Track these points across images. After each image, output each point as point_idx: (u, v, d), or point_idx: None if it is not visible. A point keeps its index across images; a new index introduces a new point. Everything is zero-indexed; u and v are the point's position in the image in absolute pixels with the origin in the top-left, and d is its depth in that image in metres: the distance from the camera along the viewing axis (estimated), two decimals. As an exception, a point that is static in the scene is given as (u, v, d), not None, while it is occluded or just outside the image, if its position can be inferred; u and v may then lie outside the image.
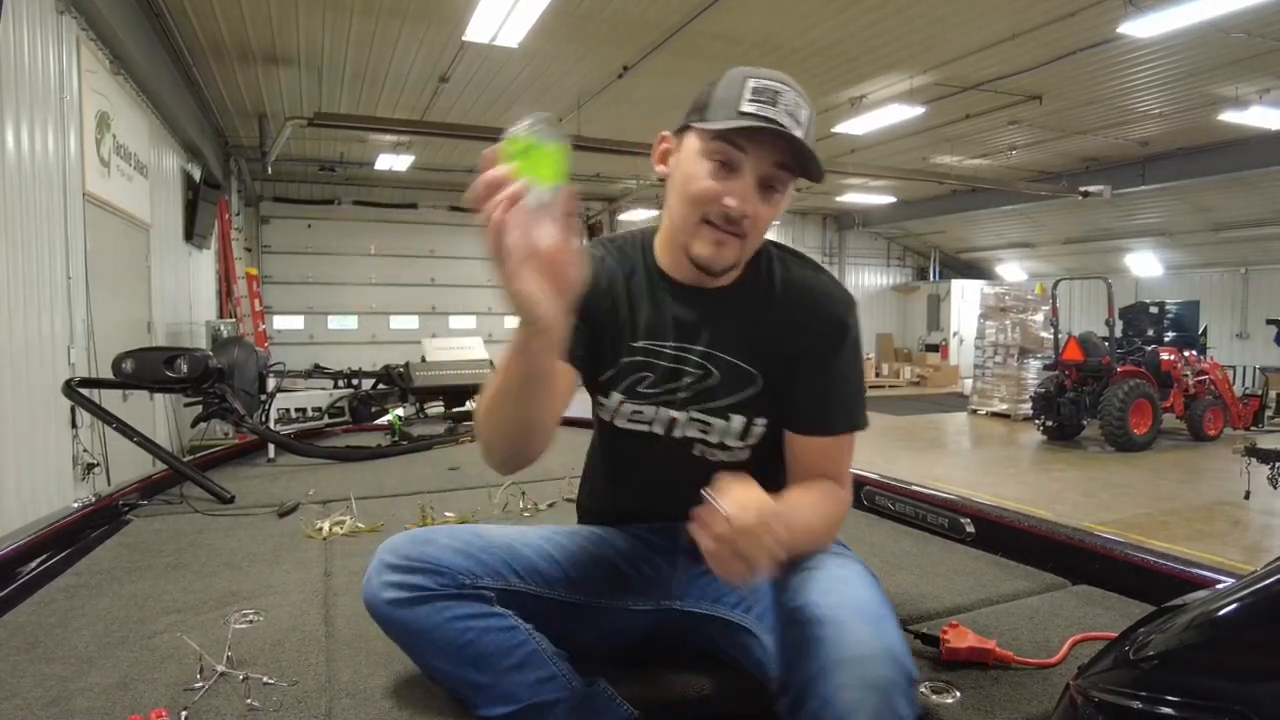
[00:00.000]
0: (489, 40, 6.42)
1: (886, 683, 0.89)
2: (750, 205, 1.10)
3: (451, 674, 1.09)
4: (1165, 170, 11.12)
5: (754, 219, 1.11)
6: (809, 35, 6.93)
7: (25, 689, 1.18)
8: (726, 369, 1.20)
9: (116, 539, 2.00)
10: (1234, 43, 6.77)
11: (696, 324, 1.21)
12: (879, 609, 0.99)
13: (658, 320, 1.22)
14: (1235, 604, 0.73)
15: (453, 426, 3.71)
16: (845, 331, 1.20)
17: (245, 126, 10.04)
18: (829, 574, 1.05)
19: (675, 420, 1.23)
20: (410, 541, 1.13)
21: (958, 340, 17.49)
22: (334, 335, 14.39)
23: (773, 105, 1.08)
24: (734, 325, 1.21)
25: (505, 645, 1.09)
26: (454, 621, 1.07)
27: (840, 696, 0.89)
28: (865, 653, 0.91)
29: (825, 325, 1.20)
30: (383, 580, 1.09)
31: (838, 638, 0.93)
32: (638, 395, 1.24)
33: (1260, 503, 6.05)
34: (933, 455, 9.05)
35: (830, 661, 0.91)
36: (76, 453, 4.31)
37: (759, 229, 1.14)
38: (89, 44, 4.91)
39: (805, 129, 1.10)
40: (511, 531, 1.22)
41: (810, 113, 1.12)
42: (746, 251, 1.16)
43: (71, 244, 4.43)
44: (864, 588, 1.04)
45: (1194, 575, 1.46)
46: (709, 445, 1.24)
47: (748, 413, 1.21)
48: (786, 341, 1.19)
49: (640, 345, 1.22)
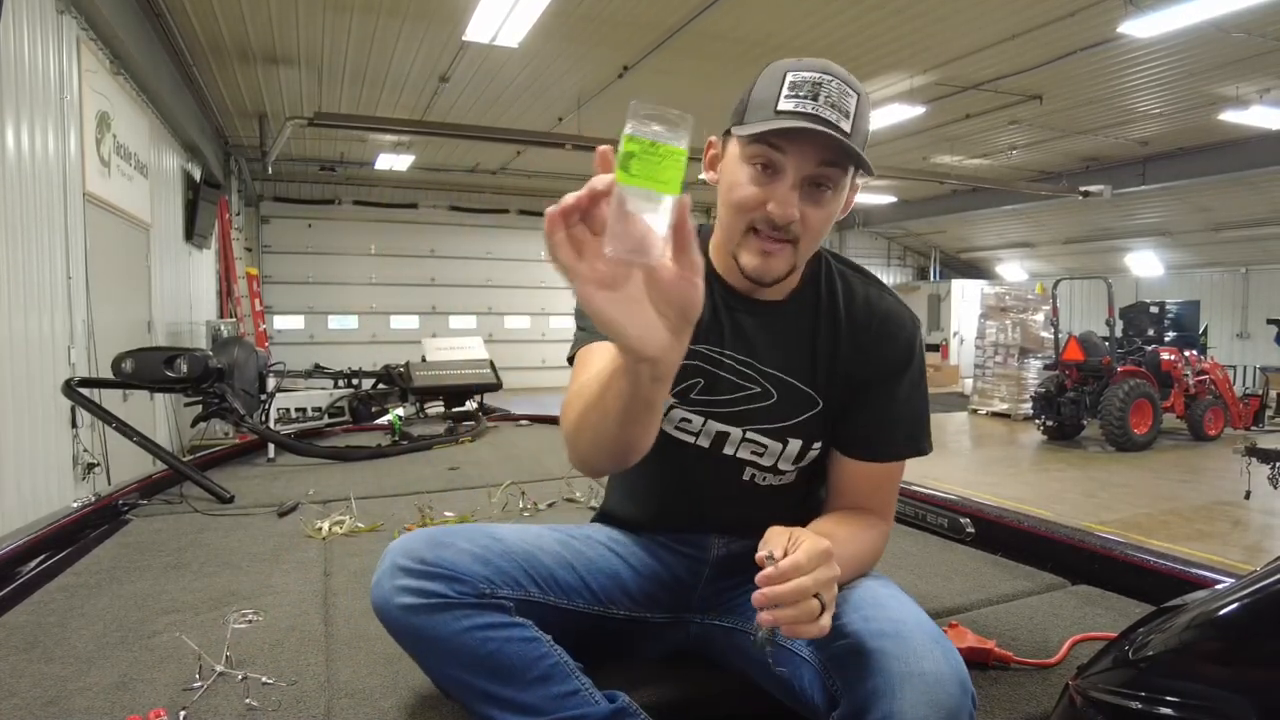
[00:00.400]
0: (489, 40, 6.42)
1: (957, 707, 0.85)
2: (794, 209, 1.02)
3: (469, 686, 1.03)
4: (1165, 170, 11.12)
5: (802, 223, 1.04)
6: (809, 35, 6.92)
7: (24, 688, 1.17)
8: (786, 390, 1.14)
9: (116, 539, 2.00)
10: (1234, 42, 6.77)
11: (755, 337, 1.15)
12: (938, 629, 0.94)
13: (714, 326, 1.14)
14: (1235, 604, 0.73)
15: (453, 426, 3.71)
16: (912, 357, 1.15)
17: (245, 126, 10.04)
18: (872, 591, 1.02)
19: (727, 436, 1.16)
20: (425, 544, 1.05)
21: (958, 340, 17.49)
22: (334, 335, 14.39)
23: (813, 99, 1.00)
24: (795, 343, 1.15)
25: (528, 657, 1.03)
26: (474, 631, 1.01)
27: (907, 714, 0.84)
28: (935, 670, 0.87)
29: (893, 351, 1.14)
30: (396, 584, 1.02)
31: (903, 652, 0.88)
32: (689, 402, 1.16)
33: (1260, 503, 6.05)
34: (933, 455, 8.95)
35: (896, 676, 0.87)
36: (76, 452, 4.32)
37: (811, 233, 1.05)
38: (89, 44, 4.91)
39: (853, 118, 1.02)
40: (529, 535, 1.17)
41: (859, 99, 1.03)
42: (801, 258, 1.09)
43: (72, 244, 4.43)
44: (914, 606, 0.99)
45: (1194, 575, 1.46)
46: (761, 469, 1.17)
47: (806, 437, 1.15)
48: (853, 366, 1.14)
49: (698, 349, 1.13)
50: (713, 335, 1.14)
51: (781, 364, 1.15)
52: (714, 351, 1.15)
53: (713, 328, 1.14)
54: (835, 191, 1.05)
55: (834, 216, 1.07)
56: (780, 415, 1.15)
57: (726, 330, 1.15)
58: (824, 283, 1.17)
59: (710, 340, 1.14)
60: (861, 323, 1.15)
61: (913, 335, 1.16)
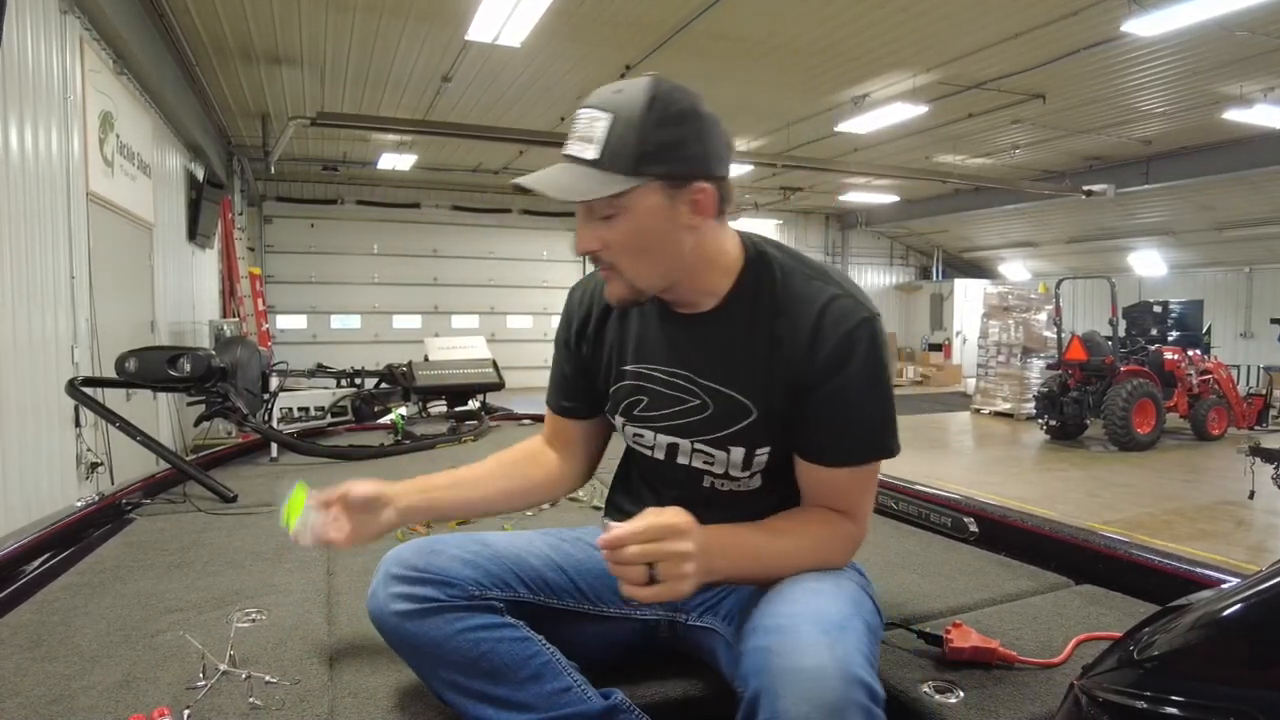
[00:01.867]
0: (491, 40, 6.42)
1: (840, 702, 0.83)
2: (584, 242, 1.08)
3: (465, 688, 1.05)
4: (1169, 169, 11.09)
5: (605, 249, 1.07)
6: (811, 34, 6.92)
7: (28, 687, 1.18)
8: (722, 400, 1.14)
9: (119, 538, 2.00)
10: (1238, 41, 6.75)
11: (689, 350, 1.16)
12: (842, 619, 0.92)
13: (649, 343, 1.19)
14: (1240, 604, 0.73)
15: (455, 426, 3.71)
16: (851, 350, 1.06)
17: (248, 126, 10.06)
18: (802, 585, 1.01)
19: (677, 447, 1.19)
20: (415, 552, 1.10)
21: (960, 339, 17.48)
22: (337, 334, 14.42)
23: (570, 138, 1.05)
24: (728, 352, 1.13)
25: (520, 656, 1.06)
26: (466, 633, 1.04)
27: (790, 714, 0.83)
28: (815, 665, 0.84)
29: (835, 349, 1.07)
30: (390, 592, 1.06)
31: (785, 647, 0.87)
32: (636, 419, 1.22)
33: (1264, 502, 6.04)
34: (936, 454, 9.04)
35: (778, 674, 0.85)
36: (80, 452, 4.32)
37: (624, 254, 1.07)
38: (92, 44, 4.92)
39: (604, 140, 1.01)
40: (518, 540, 1.20)
41: (614, 118, 1.01)
42: (638, 278, 1.09)
43: (75, 244, 4.44)
44: (834, 599, 0.97)
45: (1198, 575, 1.46)
46: (715, 476, 1.18)
47: (747, 444, 1.14)
48: (792, 367, 1.09)
49: (630, 369, 1.21)
50: (651, 353, 1.19)
51: (716, 374, 1.14)
52: (652, 369, 1.19)
53: (653, 346, 1.19)
54: (622, 214, 1.04)
55: (639, 233, 1.05)
56: (717, 425, 1.15)
57: (663, 347, 1.18)
58: (762, 285, 1.13)
59: (648, 358, 1.19)
60: (799, 321, 1.09)
61: (856, 329, 1.07)
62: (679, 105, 1.03)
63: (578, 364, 1.29)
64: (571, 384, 1.30)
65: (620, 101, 1.02)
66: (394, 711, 1.12)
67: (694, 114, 1.04)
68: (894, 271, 19.73)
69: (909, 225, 17.63)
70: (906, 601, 1.50)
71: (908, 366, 17.38)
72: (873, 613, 1.06)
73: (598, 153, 1.01)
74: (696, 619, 1.21)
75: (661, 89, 1.03)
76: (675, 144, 1.03)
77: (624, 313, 1.22)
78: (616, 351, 1.23)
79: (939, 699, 1.13)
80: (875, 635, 1.02)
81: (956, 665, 1.22)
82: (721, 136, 1.08)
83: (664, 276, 1.10)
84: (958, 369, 16.97)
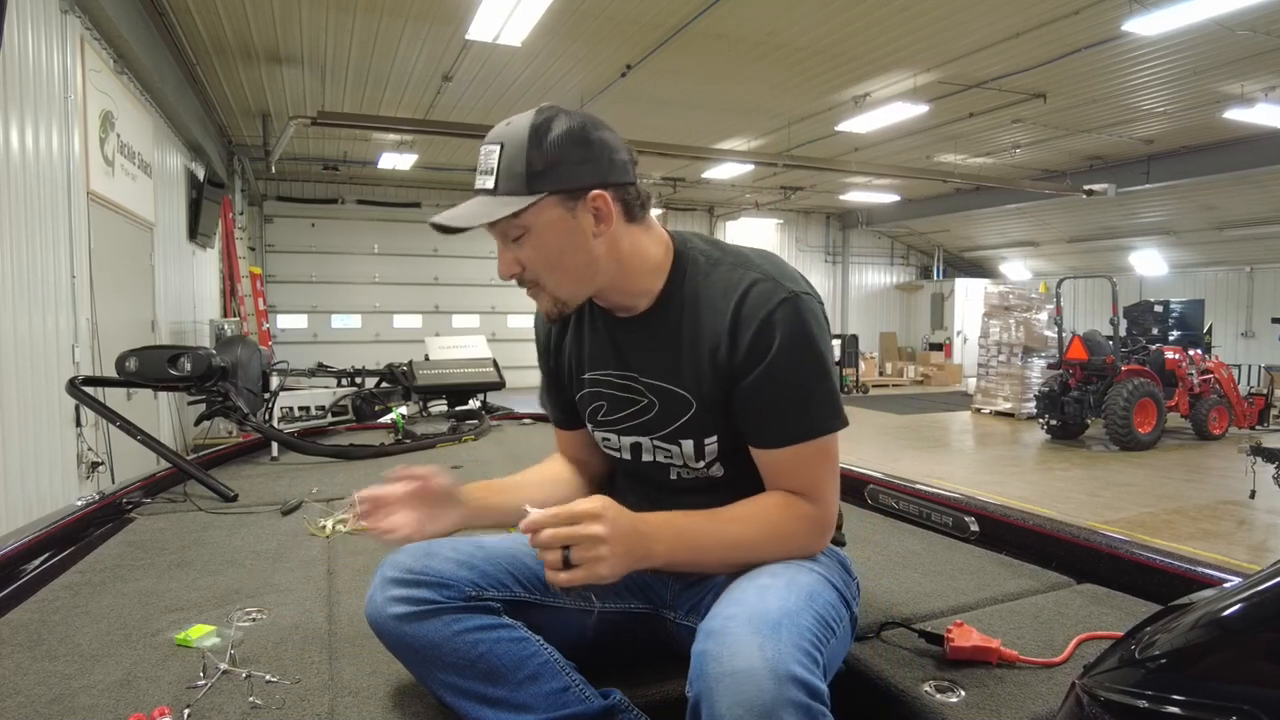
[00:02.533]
0: (492, 39, 6.42)
1: (772, 703, 0.82)
2: (506, 267, 1.13)
3: (464, 689, 1.06)
4: (1170, 168, 11.09)
5: (525, 270, 1.12)
6: (812, 34, 6.92)
7: (29, 686, 1.18)
8: (664, 396, 1.18)
9: (120, 537, 2.00)
10: (1239, 40, 6.74)
11: (631, 353, 1.21)
12: (782, 615, 0.91)
13: (600, 351, 1.24)
14: (1241, 603, 0.73)
15: (456, 425, 3.71)
16: (772, 331, 1.08)
17: (248, 125, 10.06)
18: (753, 582, 1.01)
19: (640, 445, 1.23)
20: (412, 555, 1.11)
21: (961, 339, 17.48)
22: (337, 334, 14.42)
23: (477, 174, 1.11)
24: (663, 349, 1.17)
25: (518, 656, 1.07)
26: (464, 634, 1.06)
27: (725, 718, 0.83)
28: (747, 667, 0.84)
29: (756, 332, 1.08)
30: (387, 595, 1.07)
31: (720, 651, 0.87)
32: (600, 424, 1.27)
33: (1265, 502, 6.04)
34: (936, 454, 9.04)
35: (713, 678, 0.85)
36: (81, 451, 4.32)
37: (539, 270, 1.12)
38: (93, 43, 4.92)
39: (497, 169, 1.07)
40: (512, 540, 1.21)
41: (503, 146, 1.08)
42: (559, 289, 1.14)
43: (76, 243, 4.44)
44: (780, 594, 0.96)
45: (1199, 574, 1.46)
46: (678, 467, 1.22)
47: (694, 435, 1.17)
48: (717, 355, 1.12)
49: (587, 377, 1.26)
50: (603, 361, 1.24)
51: (655, 372, 1.18)
52: (604, 375, 1.24)
53: (602, 353, 1.24)
54: (529, 233, 1.09)
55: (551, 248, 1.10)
56: (665, 422, 1.19)
57: (612, 353, 1.23)
58: (686, 283, 1.16)
59: (600, 365, 1.25)
60: (721, 309, 1.12)
61: (775, 311, 1.08)
62: (562, 126, 1.08)
63: (555, 379, 1.34)
64: (559, 397, 1.35)
65: (508, 132, 1.08)
66: (394, 711, 1.12)
67: (578, 131, 1.08)
68: (895, 271, 19.72)
69: (910, 225, 17.63)
70: (907, 601, 1.50)
71: (908, 366, 17.38)
72: (833, 604, 1.05)
73: (494, 182, 1.07)
74: (683, 617, 1.22)
75: (544, 115, 1.08)
76: (561, 160, 1.07)
77: (577, 325, 1.27)
78: (575, 362, 1.29)
79: (940, 698, 1.13)
80: (831, 627, 1.01)
81: (958, 664, 1.22)
82: (614, 148, 1.11)
83: (583, 284, 1.14)
84: (958, 368, 16.97)
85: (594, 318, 1.25)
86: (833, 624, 1.02)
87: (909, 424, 11.12)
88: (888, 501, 2.19)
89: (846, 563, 1.21)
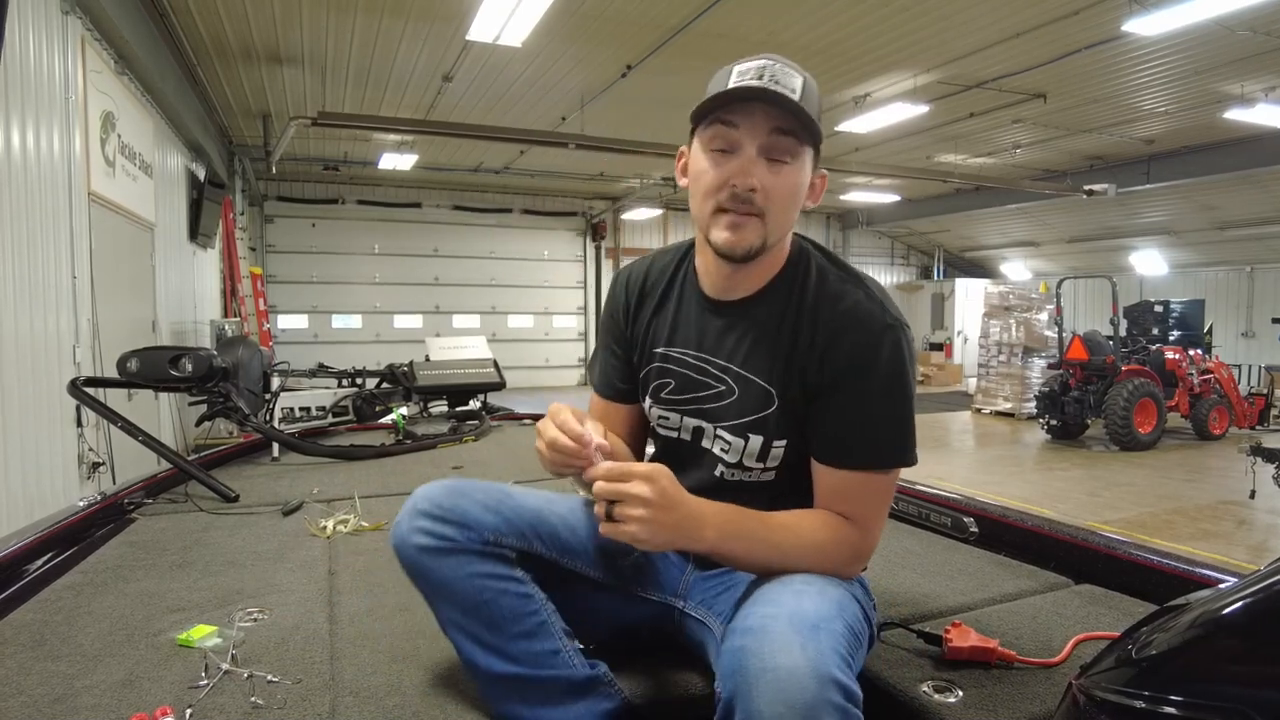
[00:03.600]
0: (492, 40, 6.42)
1: (813, 702, 0.82)
2: (753, 178, 1.07)
3: (463, 627, 1.10)
4: (1170, 168, 11.08)
5: (764, 192, 1.07)
6: (812, 34, 6.92)
7: (31, 686, 1.18)
8: (745, 386, 1.17)
9: (121, 537, 2.01)
10: (1239, 40, 6.75)
11: (721, 336, 1.19)
12: (819, 619, 0.91)
13: (683, 329, 1.23)
14: (1238, 603, 0.73)
15: (456, 425, 3.72)
16: (875, 359, 1.08)
17: (249, 126, 10.07)
18: (786, 586, 1.00)
19: (703, 431, 1.22)
20: (445, 493, 1.13)
21: (962, 339, 17.47)
22: (338, 334, 14.42)
23: (758, 79, 1.06)
24: (759, 340, 1.16)
25: (519, 611, 1.10)
26: (474, 579, 1.09)
27: (764, 714, 0.83)
28: (789, 665, 0.84)
29: (856, 352, 1.09)
30: (414, 525, 1.10)
31: (761, 648, 0.87)
32: (664, 401, 1.25)
33: (1265, 502, 6.04)
34: (937, 454, 9.03)
35: (752, 674, 0.85)
36: (82, 451, 4.33)
37: (776, 202, 1.08)
38: (93, 44, 4.92)
39: (800, 92, 1.06)
40: (540, 497, 1.22)
41: (805, 80, 1.08)
42: (772, 231, 1.10)
43: (77, 244, 4.44)
44: (815, 600, 0.96)
45: (1197, 575, 1.46)
46: (728, 465, 1.20)
47: (766, 434, 1.16)
48: (809, 363, 1.12)
49: (660, 352, 1.25)
50: (683, 339, 1.23)
51: (743, 361, 1.18)
52: (682, 353, 1.23)
53: (685, 332, 1.23)
54: (794, 162, 1.09)
55: (798, 188, 1.11)
56: (740, 411, 1.18)
57: (696, 333, 1.22)
58: (799, 278, 1.17)
59: (680, 343, 1.24)
60: (825, 319, 1.12)
61: (879, 338, 1.09)
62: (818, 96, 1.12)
63: (628, 346, 1.32)
64: (625, 366, 1.33)
65: (798, 67, 1.09)
66: (395, 711, 1.13)
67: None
68: (895, 271, 19.72)
69: (910, 225, 17.62)
70: (906, 601, 1.50)
71: (909, 366, 17.35)
72: (859, 618, 1.06)
73: (800, 98, 1.06)
74: (692, 609, 1.22)
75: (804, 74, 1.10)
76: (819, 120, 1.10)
77: (664, 297, 1.27)
78: (651, 335, 1.27)
79: (938, 698, 1.13)
80: (859, 638, 1.02)
81: (956, 665, 1.23)
82: None
83: (785, 235, 1.15)
84: (959, 368, 16.97)
85: (686, 294, 1.24)
86: (859, 635, 1.04)
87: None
88: (887, 502, 2.19)
89: (866, 583, 1.22)
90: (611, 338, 1.34)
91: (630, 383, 1.33)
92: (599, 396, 1.37)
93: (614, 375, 1.34)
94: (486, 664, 1.09)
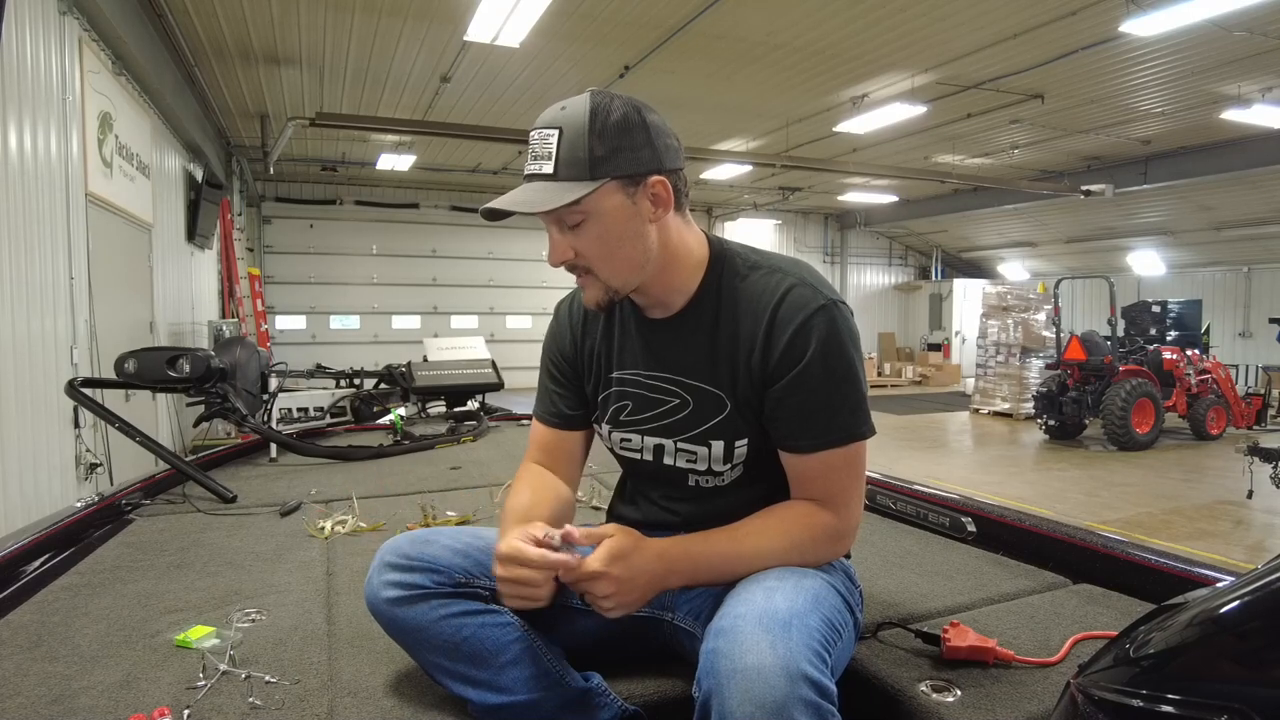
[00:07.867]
0: (490, 40, 6.42)
1: (784, 700, 0.83)
2: (561, 253, 1.12)
3: (450, 670, 1.10)
4: (1167, 169, 11.10)
5: (579, 254, 1.12)
6: (810, 34, 6.92)
7: (29, 687, 1.18)
8: (698, 395, 1.19)
9: (119, 538, 2.01)
10: (1236, 41, 6.76)
11: (664, 351, 1.21)
12: (791, 615, 0.92)
13: (630, 350, 1.25)
14: (1236, 602, 0.73)
15: (454, 426, 3.72)
16: (810, 342, 1.10)
17: (247, 126, 10.05)
18: (759, 584, 1.01)
19: (663, 448, 1.23)
20: (410, 542, 1.14)
21: (959, 339, 17.50)
22: (336, 335, 14.41)
23: (529, 159, 1.10)
24: (699, 349, 1.18)
25: (500, 641, 1.10)
26: (450, 619, 1.09)
27: (735, 714, 0.84)
28: (757, 664, 0.85)
29: (793, 337, 1.11)
30: (383, 579, 1.11)
31: (730, 648, 0.88)
32: (622, 424, 1.26)
33: (1263, 502, 6.05)
34: (934, 454, 9.04)
35: (723, 675, 0.86)
36: (79, 452, 4.32)
37: (595, 258, 1.12)
38: (91, 45, 4.91)
39: (556, 154, 1.07)
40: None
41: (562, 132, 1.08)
42: (611, 278, 1.14)
43: (74, 244, 4.43)
44: (788, 595, 0.97)
45: (1194, 574, 1.46)
46: (698, 473, 1.22)
47: (725, 436, 1.18)
48: (751, 359, 1.14)
49: (615, 376, 1.26)
50: (633, 360, 1.25)
51: (691, 371, 1.19)
52: (634, 374, 1.25)
53: (632, 353, 1.24)
54: (591, 217, 1.09)
55: (606, 234, 1.10)
56: (697, 421, 1.19)
57: (642, 352, 1.24)
58: (723, 283, 1.18)
59: (630, 365, 1.25)
60: (757, 314, 1.14)
61: (811, 320, 1.11)
62: (620, 110, 1.09)
63: (575, 373, 1.33)
64: (574, 393, 1.33)
65: (565, 117, 1.09)
66: (393, 711, 1.13)
67: (635, 115, 1.10)
68: (893, 271, 19.73)
69: (908, 225, 17.64)
70: (904, 601, 1.51)
71: (906, 366, 17.39)
72: (838, 609, 1.06)
73: (554, 167, 1.07)
74: (682, 619, 1.22)
75: (600, 99, 1.10)
76: (623, 146, 1.08)
77: (607, 322, 1.28)
78: (603, 361, 1.28)
79: (936, 698, 1.14)
80: (837, 630, 1.02)
81: (954, 664, 1.23)
82: (666, 133, 1.14)
83: (635, 272, 1.15)
84: (956, 369, 16.99)
85: (625, 317, 1.26)
86: (839, 628, 1.04)
87: (907, 424, 11.12)
88: (885, 502, 2.20)
89: (851, 572, 1.22)
90: (556, 367, 1.34)
91: (579, 409, 1.32)
92: (545, 426, 1.35)
93: (561, 403, 1.33)
94: (481, 700, 1.09)
